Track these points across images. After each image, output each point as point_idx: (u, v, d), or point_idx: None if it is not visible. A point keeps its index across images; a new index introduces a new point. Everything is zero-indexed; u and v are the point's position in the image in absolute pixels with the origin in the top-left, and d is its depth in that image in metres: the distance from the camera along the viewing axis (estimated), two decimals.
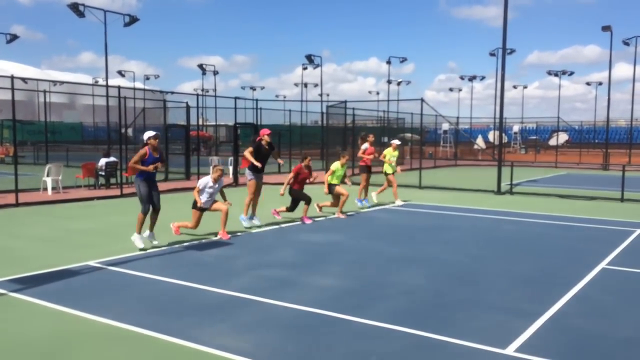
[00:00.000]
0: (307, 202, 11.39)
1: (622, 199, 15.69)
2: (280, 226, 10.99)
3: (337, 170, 12.34)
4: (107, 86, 22.01)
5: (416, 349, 4.89)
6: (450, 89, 74.15)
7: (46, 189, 15.62)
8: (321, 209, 12.55)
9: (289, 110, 29.17)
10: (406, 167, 26.19)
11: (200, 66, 54.54)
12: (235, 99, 21.71)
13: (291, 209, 11.53)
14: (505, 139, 44.56)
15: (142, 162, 8.41)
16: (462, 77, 65.83)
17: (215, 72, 55.77)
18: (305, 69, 55.22)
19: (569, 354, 4.78)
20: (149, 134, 8.59)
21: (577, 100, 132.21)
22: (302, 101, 35.61)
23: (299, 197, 11.45)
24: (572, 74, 61.81)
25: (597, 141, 52.62)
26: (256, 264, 7.86)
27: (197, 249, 8.81)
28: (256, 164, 10.33)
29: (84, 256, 8.11)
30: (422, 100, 20.10)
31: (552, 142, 48.11)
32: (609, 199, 15.99)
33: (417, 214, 13.24)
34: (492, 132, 49.73)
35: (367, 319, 5.56)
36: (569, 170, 29.67)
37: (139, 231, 8.66)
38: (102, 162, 17.10)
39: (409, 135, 34.47)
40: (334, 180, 12.30)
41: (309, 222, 11.39)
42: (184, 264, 7.86)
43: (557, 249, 9.30)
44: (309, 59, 46.49)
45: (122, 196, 15.38)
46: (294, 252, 8.81)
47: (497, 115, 25.30)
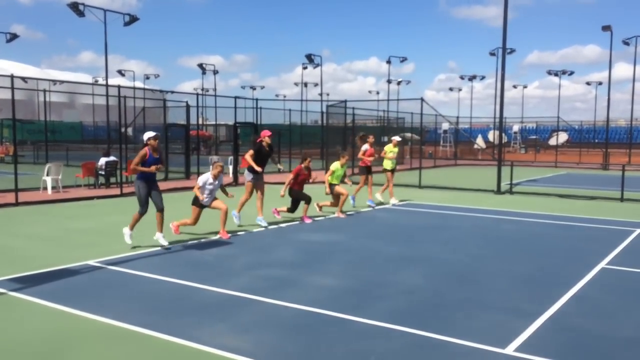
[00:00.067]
0: (307, 201, 11.40)
1: (622, 199, 15.69)
2: (280, 226, 11.00)
3: (337, 170, 12.36)
4: (107, 85, 22.00)
5: (416, 348, 4.89)
6: (450, 89, 74.21)
7: (46, 189, 15.62)
8: (321, 209, 12.55)
9: (289, 109, 29.21)
10: (406, 166, 26.23)
11: (200, 65, 54.51)
12: (235, 98, 21.72)
13: (292, 210, 11.54)
14: (505, 138, 44.55)
15: (142, 162, 8.42)
16: (462, 77, 65.82)
17: (215, 72, 55.75)
18: (305, 68, 55.24)
19: (568, 354, 4.79)
20: (149, 134, 8.58)
21: (577, 100, 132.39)
22: (302, 101, 35.66)
23: (299, 197, 11.45)
24: (572, 73, 61.90)
25: (597, 141, 52.65)
26: (256, 264, 7.86)
27: (197, 249, 8.81)
28: (257, 168, 10.33)
29: (84, 255, 8.11)
30: (422, 99, 20.12)
31: (552, 141, 48.12)
32: (609, 199, 16.00)
33: (417, 213, 13.24)
34: (492, 132, 49.72)
35: (366, 318, 5.57)
36: (568, 170, 29.67)
37: (131, 228, 8.74)
38: (102, 161, 17.11)
39: (409, 134, 34.49)
40: (333, 180, 12.31)
41: (309, 222, 11.40)
42: (183, 263, 7.86)
43: (557, 248, 9.30)
44: (309, 58, 46.48)
45: (122, 195, 15.38)
46: (294, 251, 8.81)
47: (497, 114, 25.32)
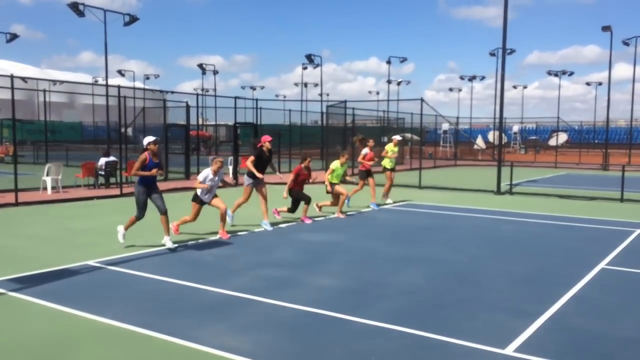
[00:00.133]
0: (307, 202, 11.39)
1: (622, 199, 15.70)
2: (280, 226, 11.00)
3: (337, 169, 12.35)
4: (107, 85, 22.01)
5: (416, 348, 4.89)
6: (450, 89, 74.24)
7: (46, 189, 15.62)
8: (321, 209, 12.55)
9: (289, 110, 29.18)
10: (406, 167, 26.23)
11: (200, 66, 54.52)
12: (235, 98, 21.72)
13: (292, 210, 11.53)
14: (505, 139, 44.56)
15: (142, 167, 8.41)
16: (462, 77, 65.90)
17: (215, 72, 55.77)
18: (305, 68, 55.26)
19: (568, 354, 4.79)
20: (149, 139, 8.56)
21: (577, 100, 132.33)
22: (302, 101, 35.63)
23: (299, 198, 11.45)
24: (572, 74, 61.83)
25: (596, 141, 52.67)
26: (256, 264, 7.86)
27: (197, 249, 8.81)
28: (259, 175, 10.32)
29: (84, 256, 8.11)
30: (422, 100, 20.12)
31: (552, 142, 48.10)
32: (609, 199, 16.00)
33: (417, 214, 13.24)
34: (491, 132, 49.73)
35: (366, 318, 5.57)
36: (568, 170, 29.68)
37: (126, 228, 8.78)
38: (102, 161, 17.11)
39: (408, 135, 34.49)
40: (333, 179, 12.31)
41: (309, 222, 11.40)
42: (183, 263, 7.86)
43: (557, 249, 9.30)
44: (309, 58, 46.51)
45: (122, 196, 15.38)
46: (294, 252, 8.81)
47: (497, 115, 25.32)
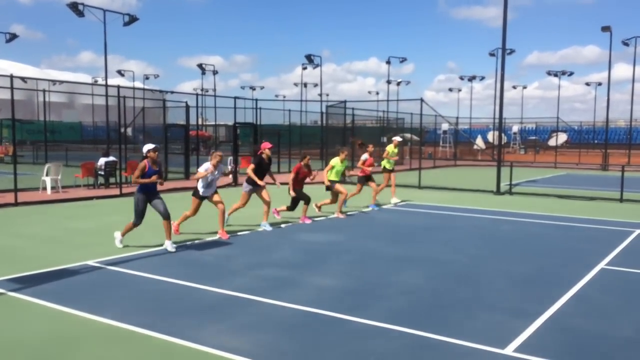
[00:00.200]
0: (307, 202, 11.39)
1: (622, 200, 15.70)
2: (279, 226, 10.99)
3: (337, 165, 12.29)
4: (106, 86, 21.98)
5: (415, 348, 4.89)
6: (449, 89, 74.25)
7: (45, 189, 15.62)
8: (320, 209, 12.54)
9: (289, 110, 29.18)
10: (406, 167, 26.22)
11: (199, 66, 54.49)
12: (234, 98, 21.67)
13: (291, 208, 11.52)
14: (504, 139, 44.55)
15: (142, 175, 8.39)
16: (461, 78, 66.01)
17: (214, 72, 55.73)
18: (305, 68, 55.27)
19: (568, 354, 4.79)
20: (148, 146, 8.52)
21: (577, 100, 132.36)
22: (301, 101, 35.58)
23: (299, 197, 11.44)
24: (571, 74, 61.87)
25: (596, 141, 52.65)
26: (255, 264, 7.86)
27: (197, 249, 8.81)
28: (260, 183, 10.31)
29: (83, 256, 8.11)
30: (421, 100, 20.11)
31: (552, 142, 48.11)
32: (608, 199, 16.00)
33: (417, 214, 13.24)
34: (491, 133, 49.75)
35: (366, 318, 5.57)
36: (568, 170, 29.69)
37: (123, 234, 8.79)
38: (102, 161, 17.11)
39: (408, 135, 34.49)
40: (333, 176, 12.27)
41: (309, 222, 11.40)
42: (183, 263, 7.86)
43: (557, 249, 9.30)
44: (309, 58, 46.52)
45: (122, 196, 15.37)
46: (293, 252, 8.81)
47: (497, 115, 25.31)
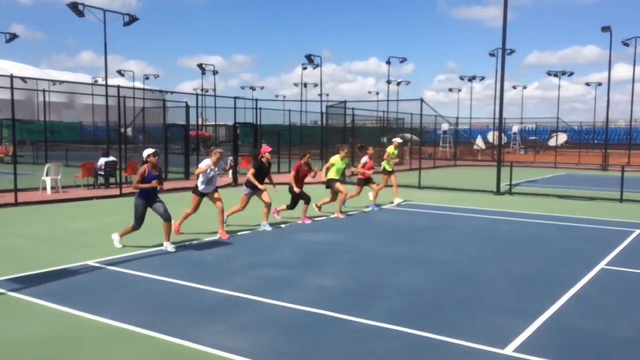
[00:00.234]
0: (307, 201, 11.38)
1: (621, 200, 15.70)
2: (279, 226, 10.99)
3: (337, 163, 12.25)
4: (106, 85, 21.98)
5: (415, 348, 4.89)
6: (449, 89, 74.25)
7: (45, 189, 15.62)
8: (320, 209, 12.54)
9: (289, 110, 29.16)
10: (406, 167, 26.22)
11: (199, 66, 54.48)
12: (234, 98, 21.66)
13: (291, 207, 11.52)
14: (504, 139, 44.55)
15: (142, 180, 8.39)
16: (461, 78, 66.01)
17: (214, 72, 55.72)
18: (304, 68, 55.26)
19: (567, 354, 4.79)
20: (148, 151, 8.51)
21: (577, 100, 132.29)
22: (301, 101, 35.58)
23: (299, 196, 11.43)
24: (571, 74, 61.83)
25: (596, 142, 52.64)
26: (255, 264, 7.86)
27: (196, 249, 8.81)
28: (260, 187, 10.31)
29: (83, 256, 8.11)
30: (421, 100, 20.12)
31: (552, 142, 48.13)
32: (608, 200, 16.00)
33: (417, 214, 13.24)
34: (491, 133, 49.75)
35: (366, 318, 5.57)
36: (568, 170, 29.69)
37: (121, 236, 8.78)
38: (102, 161, 17.11)
39: (408, 135, 34.49)
40: (333, 174, 12.25)
41: (309, 222, 11.40)
42: (183, 263, 7.86)
43: (556, 249, 9.30)
44: (309, 58, 46.51)
45: (122, 196, 15.37)
46: (293, 252, 8.81)
47: (497, 115, 25.30)
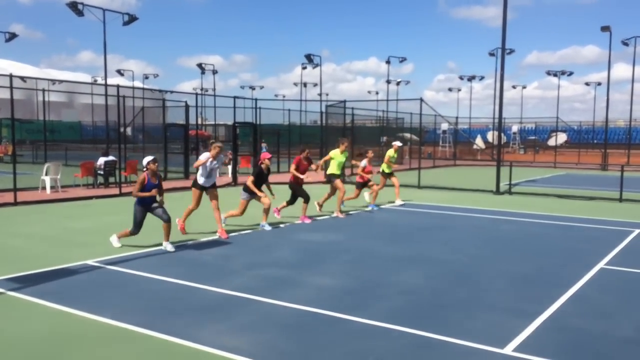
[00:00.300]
0: (306, 200, 11.38)
1: (621, 199, 15.71)
2: (279, 226, 10.99)
3: (336, 157, 12.20)
4: (106, 85, 21.98)
5: (414, 348, 4.89)
6: (449, 89, 74.30)
7: (45, 188, 15.61)
8: (321, 207, 12.55)
9: (288, 109, 29.18)
10: (405, 166, 26.21)
11: (199, 65, 54.47)
12: (234, 98, 21.65)
13: (291, 202, 11.56)
14: (504, 139, 44.54)
15: (141, 188, 8.37)
16: (461, 77, 66.10)
17: (214, 72, 55.70)
18: (304, 68, 55.20)
19: (567, 354, 4.79)
20: (147, 159, 8.49)
21: (576, 100, 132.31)
22: (301, 101, 35.59)
23: (298, 193, 11.46)
24: (571, 74, 61.80)
25: (595, 141, 52.64)
26: (255, 264, 7.86)
27: (196, 248, 8.81)
28: (259, 194, 10.29)
29: (83, 255, 8.11)
30: (421, 100, 20.12)
31: (551, 142, 48.13)
32: (608, 199, 16.01)
33: (416, 213, 13.25)
34: (491, 132, 49.76)
35: (365, 318, 5.57)
36: (567, 170, 29.69)
37: (119, 237, 8.78)
38: (101, 161, 17.11)
39: (408, 135, 34.49)
40: (335, 169, 12.22)
41: (308, 222, 11.40)
42: (182, 263, 7.86)
43: (556, 248, 9.30)
44: (309, 58, 46.47)
45: (121, 195, 15.37)
46: (293, 251, 8.81)
47: (496, 115, 25.30)
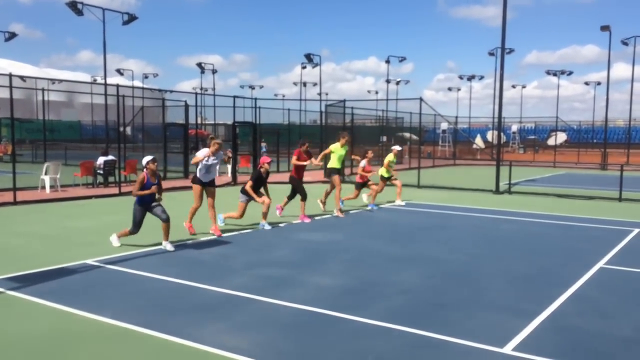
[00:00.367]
0: (303, 198, 11.40)
1: (620, 199, 15.71)
2: (278, 225, 10.99)
3: (336, 151, 12.18)
4: (105, 85, 21.96)
5: (414, 348, 4.89)
6: (449, 89, 74.32)
7: (44, 188, 15.60)
8: (325, 204, 12.60)
9: (288, 109, 29.20)
10: (405, 166, 26.23)
11: (199, 65, 54.48)
12: (234, 97, 21.63)
13: (291, 196, 11.69)
14: (503, 138, 44.52)
15: (141, 188, 8.37)
16: (461, 77, 66.04)
17: (214, 71, 55.72)
18: (304, 68, 55.17)
19: (566, 353, 4.79)
20: (147, 158, 8.49)
21: (576, 100, 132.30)
22: (301, 100, 35.63)
23: (297, 190, 11.50)
24: (570, 73, 61.78)
25: (595, 141, 52.59)
26: (254, 263, 7.86)
27: (195, 248, 8.80)
28: (258, 200, 10.28)
29: (82, 254, 8.10)
30: (420, 99, 20.12)
31: (551, 141, 48.16)
32: (607, 199, 16.01)
33: (416, 213, 13.25)
34: (490, 132, 49.75)
35: (365, 317, 5.57)
36: (567, 169, 29.70)
37: (119, 236, 8.78)
38: (101, 160, 17.11)
39: (407, 134, 34.50)
40: (335, 163, 12.22)
41: (308, 221, 11.40)
42: (182, 262, 7.86)
43: (555, 248, 9.31)
44: (308, 58, 46.44)
45: (120, 195, 15.36)
46: (293, 251, 8.81)
47: (496, 114, 25.30)
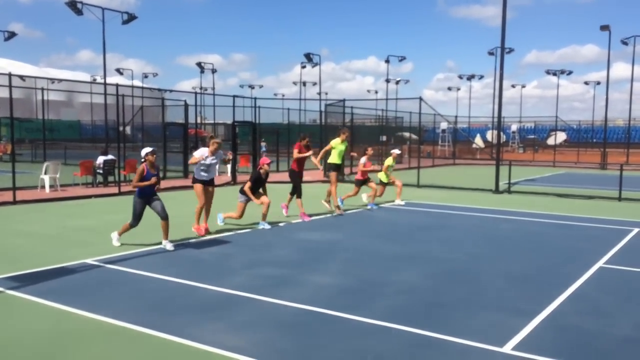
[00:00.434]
0: (299, 195, 11.48)
1: (620, 198, 15.71)
2: (278, 224, 10.99)
3: (337, 146, 12.18)
4: (105, 84, 21.92)
5: (413, 347, 4.89)
6: (448, 88, 74.41)
7: (44, 187, 15.60)
8: (329, 202, 12.61)
9: (288, 108, 29.24)
10: (404, 165, 26.23)
11: (198, 64, 54.52)
12: (233, 97, 21.63)
13: (293, 192, 11.74)
14: (503, 138, 44.51)
15: (140, 179, 8.38)
16: (460, 77, 66.02)
17: (213, 71, 55.76)
18: (304, 67, 55.19)
19: (566, 353, 4.79)
20: (146, 150, 8.49)
21: (575, 99, 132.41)
22: (300, 100, 35.66)
23: (296, 185, 11.55)
24: (570, 73, 61.87)
25: (595, 140, 52.55)
26: (254, 262, 7.86)
27: (195, 247, 8.80)
28: (256, 202, 10.28)
29: (82, 254, 8.10)
30: (420, 99, 20.11)
31: (550, 141, 48.19)
32: (607, 198, 16.01)
33: (416, 212, 13.25)
34: (490, 131, 49.75)
35: (364, 317, 5.57)
36: (567, 169, 29.70)
37: (120, 234, 8.78)
38: (100, 160, 17.11)
39: (407, 134, 34.50)
40: (336, 158, 12.23)
41: (307, 220, 11.40)
42: (181, 261, 7.85)
43: (555, 247, 9.31)
44: (308, 57, 46.42)
45: (120, 194, 15.36)
46: (292, 250, 8.81)
47: (496, 114, 25.31)
